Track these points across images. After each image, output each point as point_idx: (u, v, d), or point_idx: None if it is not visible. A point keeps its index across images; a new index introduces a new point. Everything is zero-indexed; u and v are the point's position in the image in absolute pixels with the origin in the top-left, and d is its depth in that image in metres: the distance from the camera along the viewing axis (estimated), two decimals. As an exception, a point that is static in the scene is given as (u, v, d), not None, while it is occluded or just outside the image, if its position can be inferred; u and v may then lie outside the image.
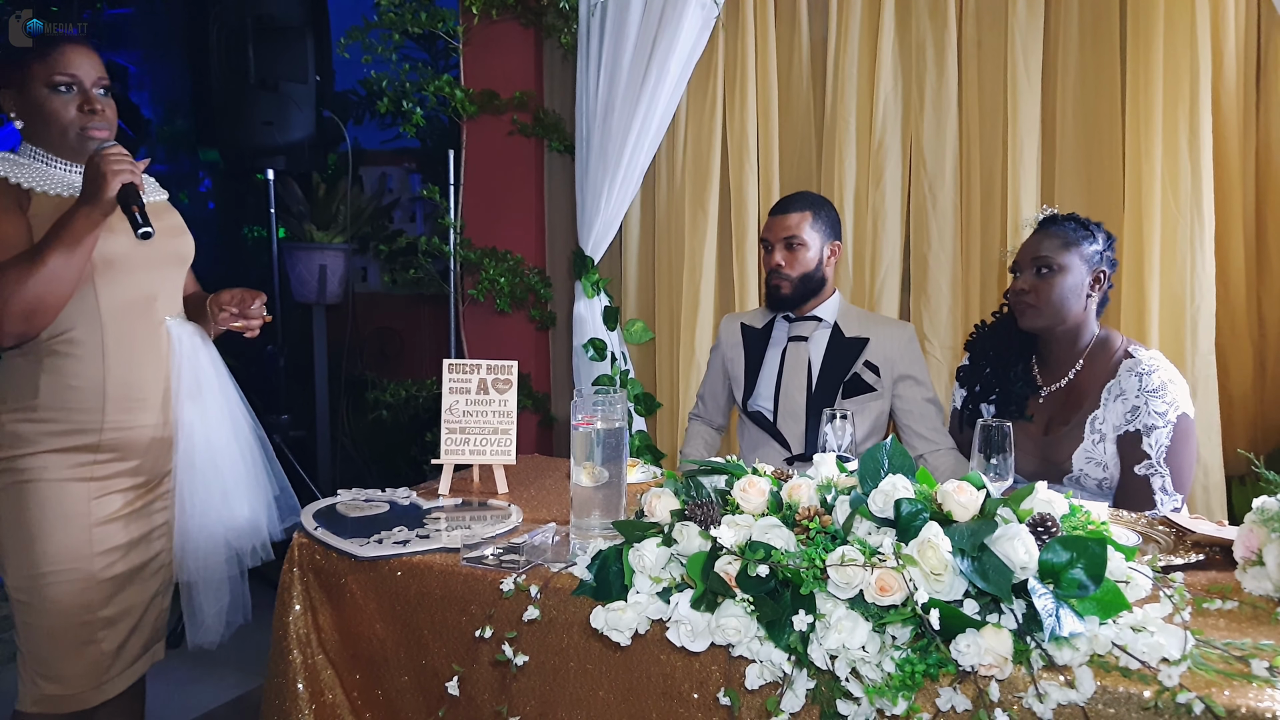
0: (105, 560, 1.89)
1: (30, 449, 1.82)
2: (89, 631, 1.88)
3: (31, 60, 1.86)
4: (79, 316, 1.84)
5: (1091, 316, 2.23)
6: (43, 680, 1.85)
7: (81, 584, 1.85)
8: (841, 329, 2.51)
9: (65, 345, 1.84)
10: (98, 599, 1.88)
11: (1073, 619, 1.20)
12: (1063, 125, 2.77)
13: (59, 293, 1.77)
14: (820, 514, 1.41)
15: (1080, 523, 1.36)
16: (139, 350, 1.92)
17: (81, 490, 1.86)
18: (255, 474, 2.09)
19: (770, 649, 1.33)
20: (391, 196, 4.85)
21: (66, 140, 1.89)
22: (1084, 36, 2.72)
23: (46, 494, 1.83)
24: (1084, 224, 2.22)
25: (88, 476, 1.87)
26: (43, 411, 1.83)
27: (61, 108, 1.87)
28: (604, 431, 1.66)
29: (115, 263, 1.87)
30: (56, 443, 1.83)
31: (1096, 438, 2.16)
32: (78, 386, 1.84)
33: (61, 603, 1.84)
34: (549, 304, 3.55)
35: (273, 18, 3.63)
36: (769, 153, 3.17)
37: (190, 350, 1.99)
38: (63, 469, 1.84)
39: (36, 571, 1.82)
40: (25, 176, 1.85)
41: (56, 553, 1.83)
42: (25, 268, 1.73)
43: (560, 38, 3.32)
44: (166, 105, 4.84)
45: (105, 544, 1.89)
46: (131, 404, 1.90)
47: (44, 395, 1.83)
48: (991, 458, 1.67)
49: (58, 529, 1.83)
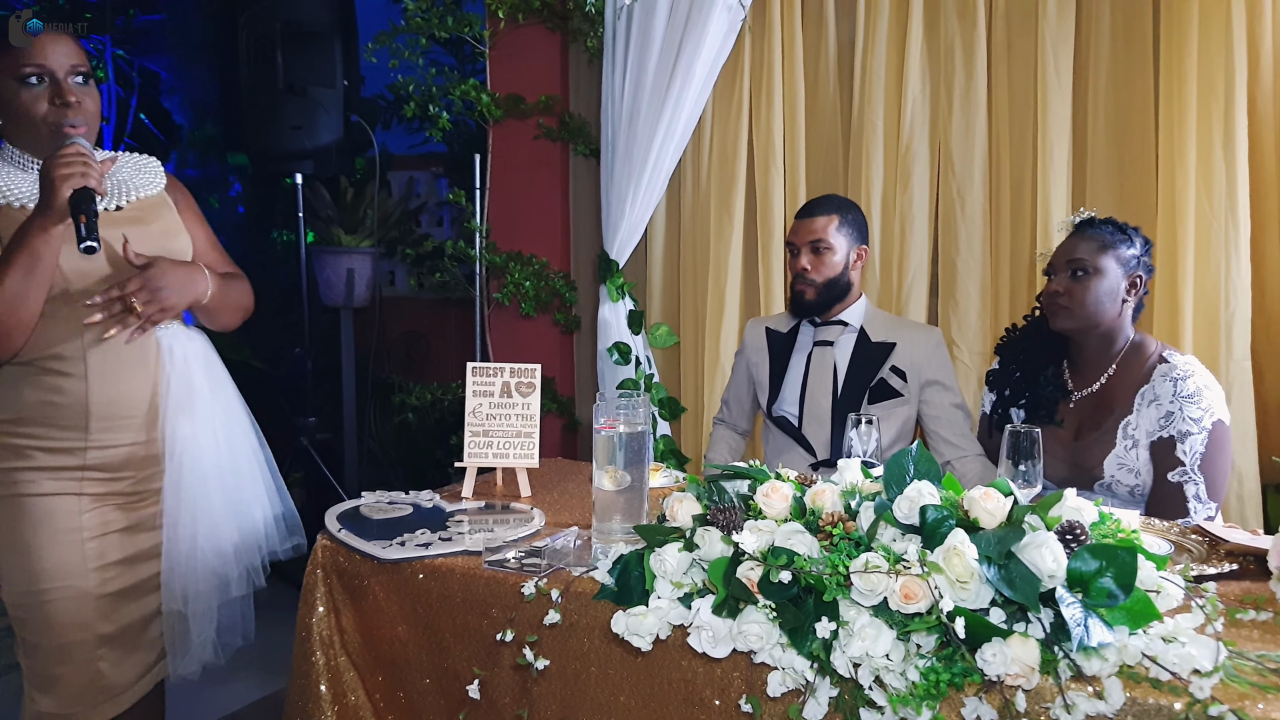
0: (101, 576, 1.82)
1: (21, 462, 1.76)
2: (86, 650, 1.81)
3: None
4: (62, 330, 1.75)
5: (1126, 321, 2.20)
6: (39, 695, 1.80)
7: (78, 601, 1.79)
8: (868, 333, 2.49)
9: (51, 362, 1.76)
10: (95, 616, 1.81)
11: (1101, 629, 1.18)
12: (1094, 127, 2.73)
13: (23, 313, 1.67)
14: (844, 520, 1.40)
15: (1110, 530, 1.34)
16: (124, 365, 1.81)
17: (73, 505, 1.79)
18: (252, 493, 1.99)
19: (793, 656, 1.31)
20: (419, 201, 4.88)
21: (39, 137, 1.77)
22: (1116, 37, 2.68)
23: (40, 509, 1.77)
24: (1121, 228, 2.19)
25: (78, 492, 1.79)
26: (28, 427, 1.76)
27: (32, 102, 1.74)
28: (626, 435, 1.65)
29: (93, 275, 1.76)
30: (45, 459, 1.77)
31: (1129, 444, 2.12)
32: (61, 404, 1.76)
33: (59, 620, 1.77)
34: (574, 308, 3.55)
35: (300, 23, 3.65)
36: (795, 156, 3.15)
37: (181, 361, 1.87)
38: (54, 484, 1.77)
39: (33, 588, 1.76)
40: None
41: (52, 569, 1.76)
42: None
43: (586, 41, 3.32)
44: (197, 110, 4.90)
45: (101, 559, 1.82)
46: (116, 422, 1.81)
47: (29, 411, 1.75)
48: (1020, 464, 1.64)
49: (52, 545, 1.76)
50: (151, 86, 4.80)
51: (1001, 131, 2.87)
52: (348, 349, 4.17)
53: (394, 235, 4.49)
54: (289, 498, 2.09)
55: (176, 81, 4.86)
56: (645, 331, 3.33)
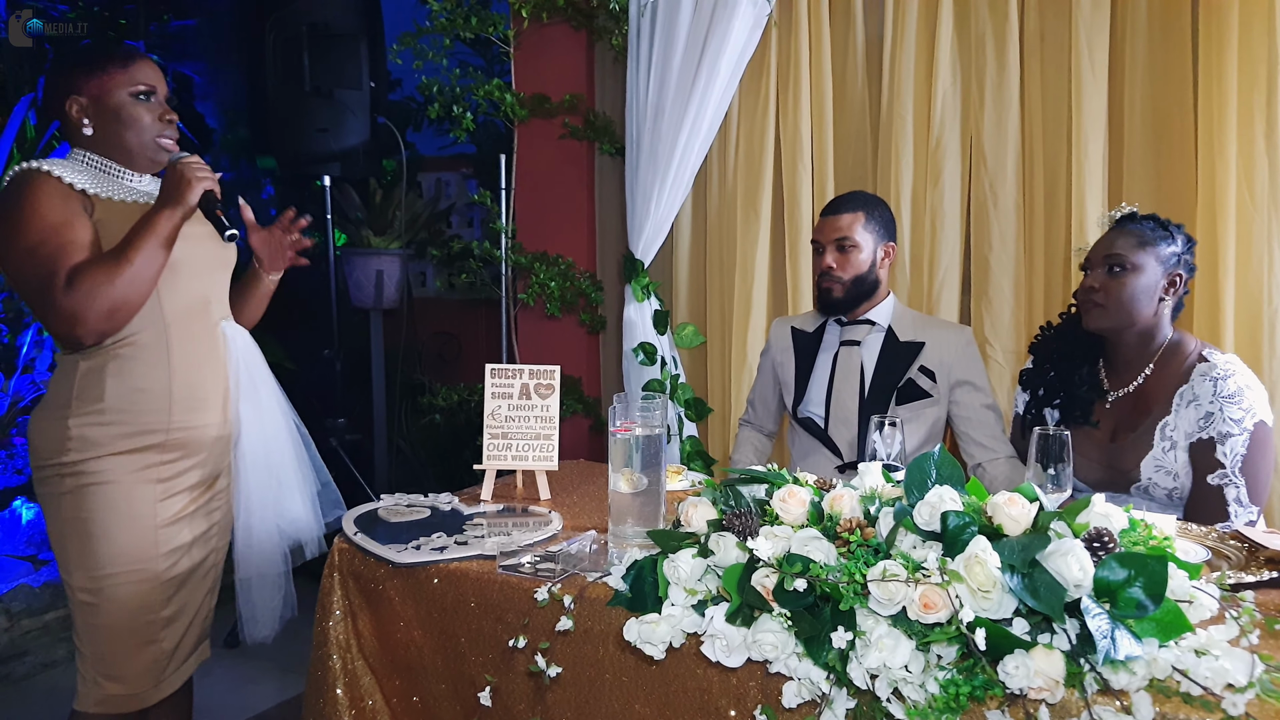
0: (169, 560, 1.93)
1: (99, 452, 1.85)
2: (151, 631, 1.91)
3: (114, 69, 1.91)
4: (143, 319, 1.88)
5: (1165, 320, 2.13)
6: (105, 680, 1.88)
7: (146, 584, 1.89)
8: (896, 333, 2.44)
9: (130, 349, 1.87)
10: (160, 599, 1.92)
11: (1130, 641, 1.13)
12: (1131, 119, 2.65)
13: (142, 291, 1.82)
14: (863, 526, 1.36)
15: (1140, 538, 1.29)
16: (200, 351, 1.97)
17: (148, 492, 1.89)
18: (305, 469, 2.15)
19: (809, 666, 1.28)
20: (449, 201, 4.88)
21: (143, 147, 1.94)
22: (1153, 26, 2.60)
23: (114, 496, 1.86)
24: (1163, 224, 2.13)
25: (154, 478, 1.90)
26: (111, 414, 1.85)
27: (143, 114, 1.93)
28: (643, 438, 1.62)
29: (177, 267, 1.90)
30: (124, 444, 1.86)
31: (1167, 445, 2.06)
32: (144, 388, 1.88)
33: (126, 603, 1.87)
34: (599, 308, 3.53)
35: (327, 25, 3.66)
36: (823, 153, 3.10)
37: (244, 351, 2.05)
38: (129, 471, 1.87)
39: (103, 572, 1.85)
40: (90, 182, 1.88)
41: (123, 554, 1.86)
42: (112, 266, 1.77)
43: (611, 40, 3.30)
44: (229, 114, 4.93)
45: (170, 544, 1.93)
46: (195, 404, 1.94)
47: (111, 398, 1.85)
48: (1049, 467, 1.59)
49: (124, 530, 1.86)
50: (185, 91, 4.85)
51: (1035, 124, 2.80)
52: (377, 350, 4.18)
53: (424, 236, 4.50)
54: (326, 471, 2.23)
55: (209, 86, 4.90)
56: (671, 331, 3.29)
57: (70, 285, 1.74)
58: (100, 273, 1.76)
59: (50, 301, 1.76)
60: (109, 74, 1.91)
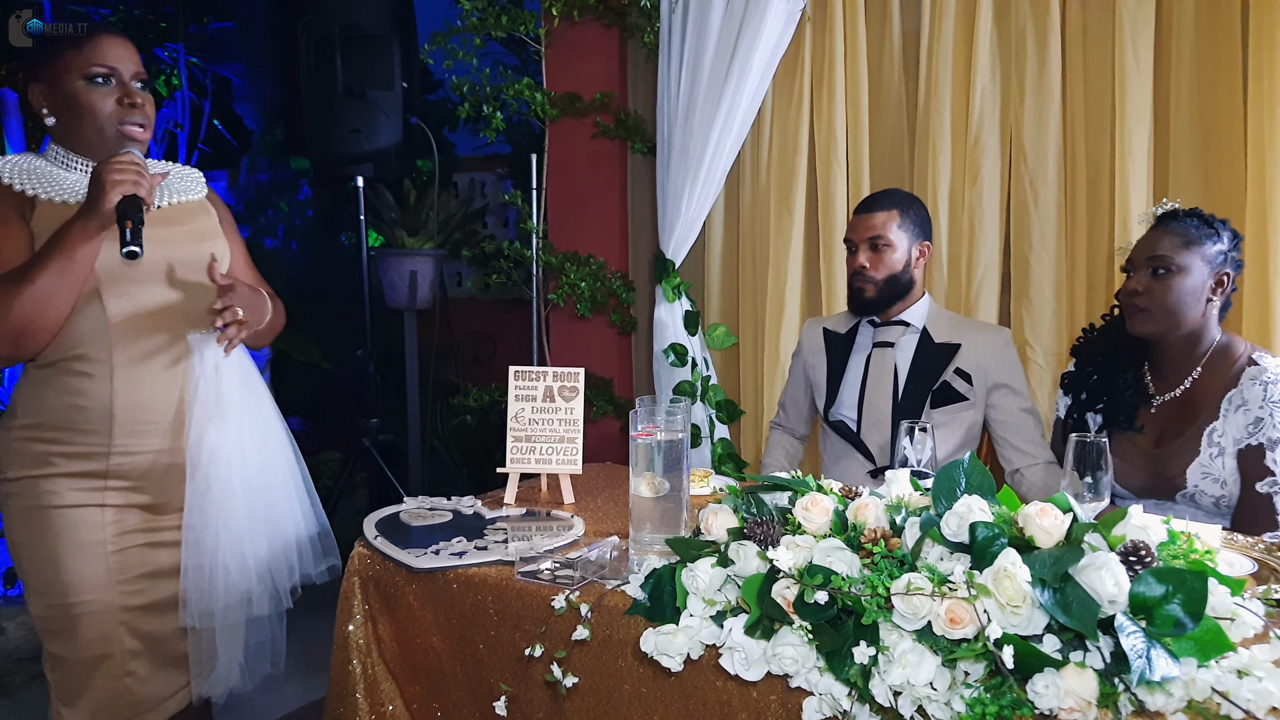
0: (126, 589, 1.79)
1: (43, 470, 1.74)
2: (113, 664, 1.78)
3: (66, 50, 1.74)
4: (88, 333, 1.73)
5: (1212, 321, 2.05)
6: (65, 709, 1.77)
7: (103, 614, 1.76)
8: (931, 334, 2.38)
9: (75, 363, 1.73)
10: (122, 630, 1.78)
11: (1166, 660, 1.07)
12: (1177, 114, 2.56)
13: (51, 313, 1.66)
14: (888, 536, 1.31)
15: (1180, 551, 1.23)
16: (151, 369, 1.78)
17: (96, 516, 1.76)
18: (287, 509, 1.93)
19: (830, 681, 1.23)
20: (484, 201, 4.88)
21: (103, 137, 1.77)
22: (1200, 15, 2.50)
23: (64, 521, 1.74)
24: (1208, 221, 2.04)
25: (100, 503, 1.76)
26: (49, 431, 1.74)
27: (99, 100, 1.75)
28: (665, 443, 1.58)
29: (124, 275, 1.74)
30: (67, 465, 1.74)
31: (1214, 451, 1.99)
32: (84, 406, 1.73)
33: (84, 633, 1.75)
34: (631, 309, 3.49)
35: (359, 26, 3.66)
36: (858, 150, 3.04)
37: (211, 368, 1.81)
38: (77, 494, 1.75)
39: (58, 602, 1.74)
40: (32, 182, 1.74)
41: (77, 583, 1.73)
42: (12, 287, 1.62)
43: (643, 37, 3.26)
44: (267, 115, 4.97)
45: (126, 573, 1.79)
46: (140, 426, 1.77)
47: (50, 414, 1.73)
48: (1086, 475, 1.53)
49: (76, 558, 1.74)
50: (224, 93, 4.90)
51: (1077, 120, 2.72)
52: (411, 351, 4.19)
53: (458, 237, 4.50)
54: (325, 518, 2.01)
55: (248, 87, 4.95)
56: (702, 332, 3.25)
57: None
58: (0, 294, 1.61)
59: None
60: (60, 56, 1.73)
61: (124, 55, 1.78)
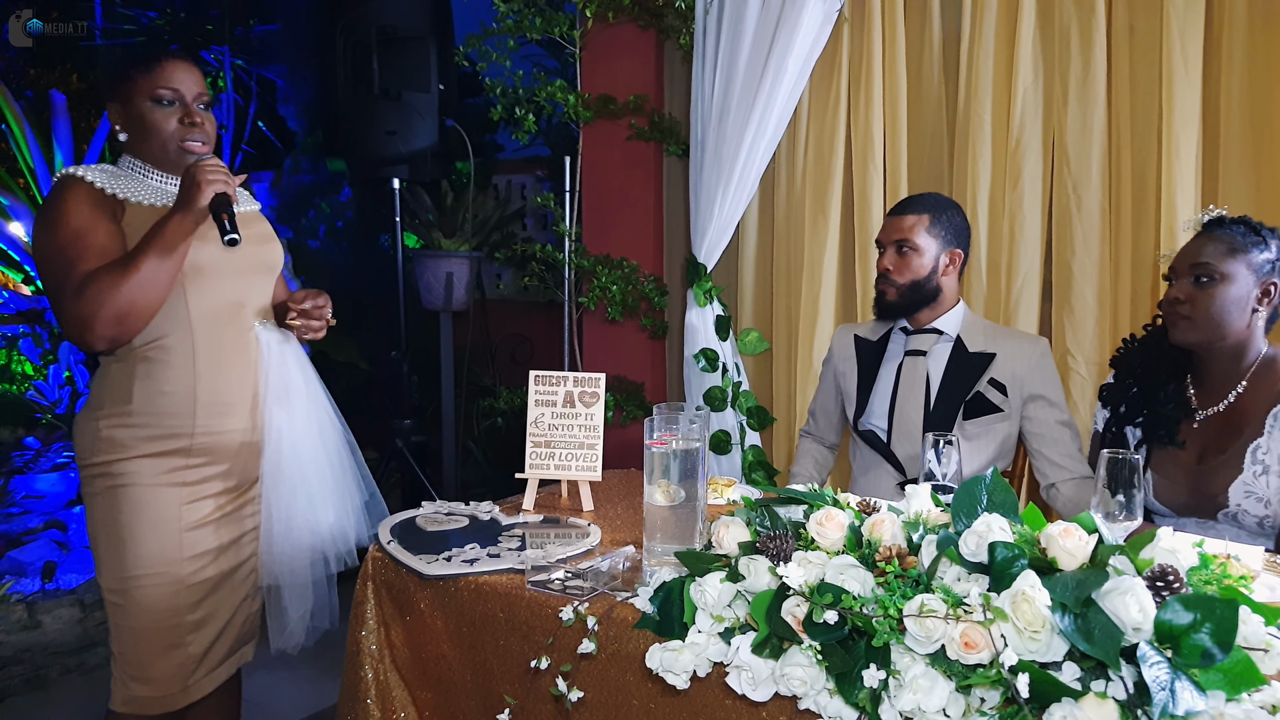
0: (194, 565, 1.91)
1: (125, 454, 1.86)
2: (177, 634, 1.90)
3: (136, 74, 1.91)
4: (170, 323, 1.87)
5: (1258, 333, 1.97)
6: (132, 681, 1.89)
7: (171, 588, 1.88)
8: (965, 343, 2.31)
9: (157, 351, 1.87)
10: (186, 603, 1.90)
11: (1192, 693, 1.01)
12: (1227, 117, 2.47)
13: (151, 298, 1.80)
14: (903, 555, 1.26)
15: (1213, 576, 1.16)
16: (228, 356, 1.95)
17: (173, 495, 1.89)
18: (342, 480, 2.10)
19: (840, 704, 1.19)
20: (522, 204, 4.87)
21: (166, 152, 1.93)
22: (1253, 17, 2.41)
23: (140, 498, 1.86)
24: (1255, 228, 1.96)
25: (179, 481, 1.89)
26: (137, 417, 1.86)
27: (163, 120, 1.91)
28: (681, 452, 1.55)
29: (205, 270, 1.89)
30: (150, 447, 1.86)
31: (1259, 469, 1.90)
32: (170, 392, 1.87)
33: (151, 606, 1.87)
34: (664, 313, 3.46)
35: (396, 28, 3.67)
36: (896, 153, 2.98)
37: (278, 356, 2.01)
38: (156, 474, 1.87)
39: (128, 574, 1.86)
40: (120, 186, 1.89)
41: (147, 557, 1.86)
42: (119, 273, 1.77)
43: (679, 39, 3.23)
44: (309, 117, 5.02)
45: (195, 549, 1.91)
46: (221, 409, 1.92)
47: (138, 401, 1.86)
48: (1118, 493, 1.46)
49: (149, 533, 1.86)
50: (269, 94, 4.95)
51: (1122, 123, 2.64)
52: (446, 352, 4.19)
53: (495, 239, 4.50)
54: (375, 484, 2.18)
55: (291, 89, 5.00)
56: (734, 337, 3.21)
57: (79, 291, 1.76)
58: (107, 280, 1.76)
59: (62, 306, 1.79)
60: (132, 80, 1.91)
61: (187, 79, 1.94)
